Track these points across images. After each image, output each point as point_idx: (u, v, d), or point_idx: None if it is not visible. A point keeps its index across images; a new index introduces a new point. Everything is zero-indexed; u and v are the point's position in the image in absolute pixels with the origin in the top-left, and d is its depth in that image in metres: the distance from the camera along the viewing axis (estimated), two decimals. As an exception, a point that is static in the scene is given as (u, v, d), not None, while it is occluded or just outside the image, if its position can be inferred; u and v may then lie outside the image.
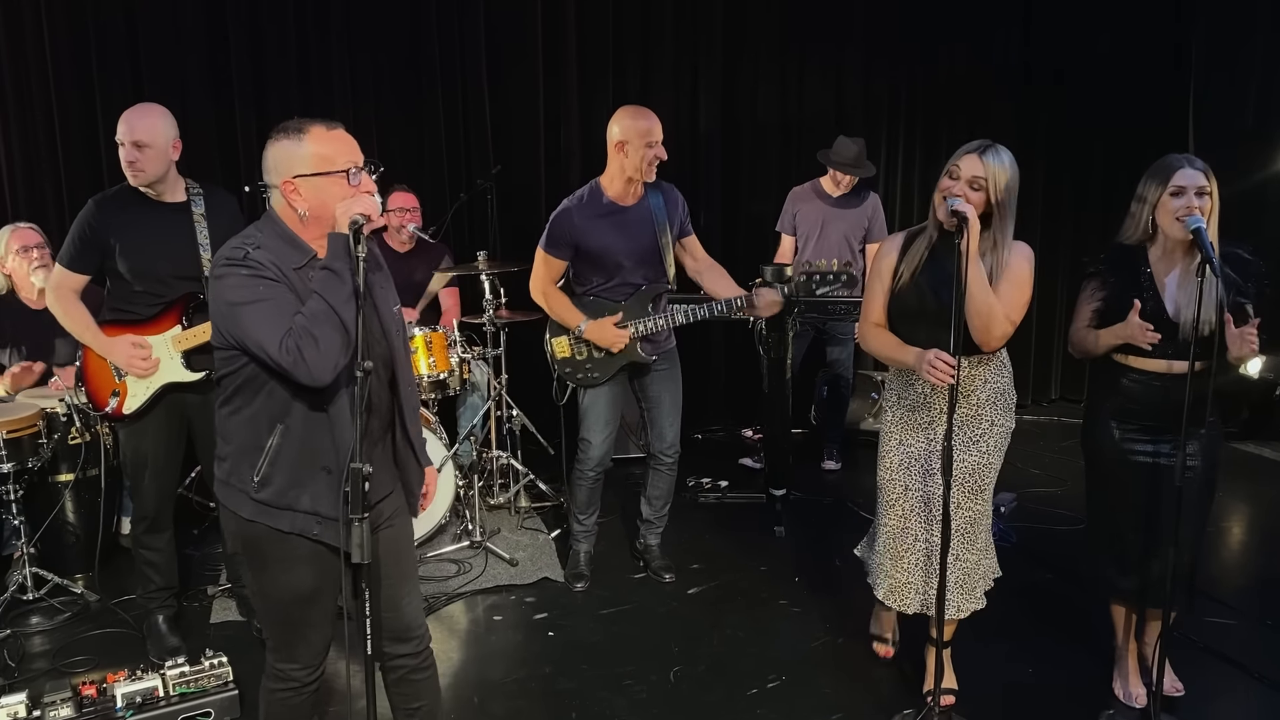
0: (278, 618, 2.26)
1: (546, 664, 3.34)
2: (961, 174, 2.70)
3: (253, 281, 2.03)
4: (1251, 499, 5.04)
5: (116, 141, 3.13)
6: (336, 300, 2.00)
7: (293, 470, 2.10)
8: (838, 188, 5.13)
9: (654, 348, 3.74)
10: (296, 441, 2.09)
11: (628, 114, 3.61)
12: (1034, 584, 3.95)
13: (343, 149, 2.13)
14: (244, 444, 2.13)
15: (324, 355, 1.99)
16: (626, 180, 3.62)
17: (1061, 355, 6.88)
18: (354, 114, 5.30)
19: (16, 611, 3.68)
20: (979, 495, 2.90)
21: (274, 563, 2.16)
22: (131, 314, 3.22)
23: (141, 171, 3.12)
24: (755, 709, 3.06)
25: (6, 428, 3.53)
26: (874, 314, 2.94)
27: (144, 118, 3.13)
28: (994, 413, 2.88)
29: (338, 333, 1.99)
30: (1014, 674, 3.26)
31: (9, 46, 4.84)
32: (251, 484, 2.11)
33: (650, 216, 3.68)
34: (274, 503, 2.11)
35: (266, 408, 2.10)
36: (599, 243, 3.62)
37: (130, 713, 2.87)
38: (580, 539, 4.01)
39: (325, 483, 2.10)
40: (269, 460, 2.09)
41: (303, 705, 2.32)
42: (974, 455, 2.86)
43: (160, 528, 3.39)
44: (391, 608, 2.29)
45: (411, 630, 2.36)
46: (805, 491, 5.02)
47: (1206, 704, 3.03)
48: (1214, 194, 2.75)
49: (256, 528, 2.13)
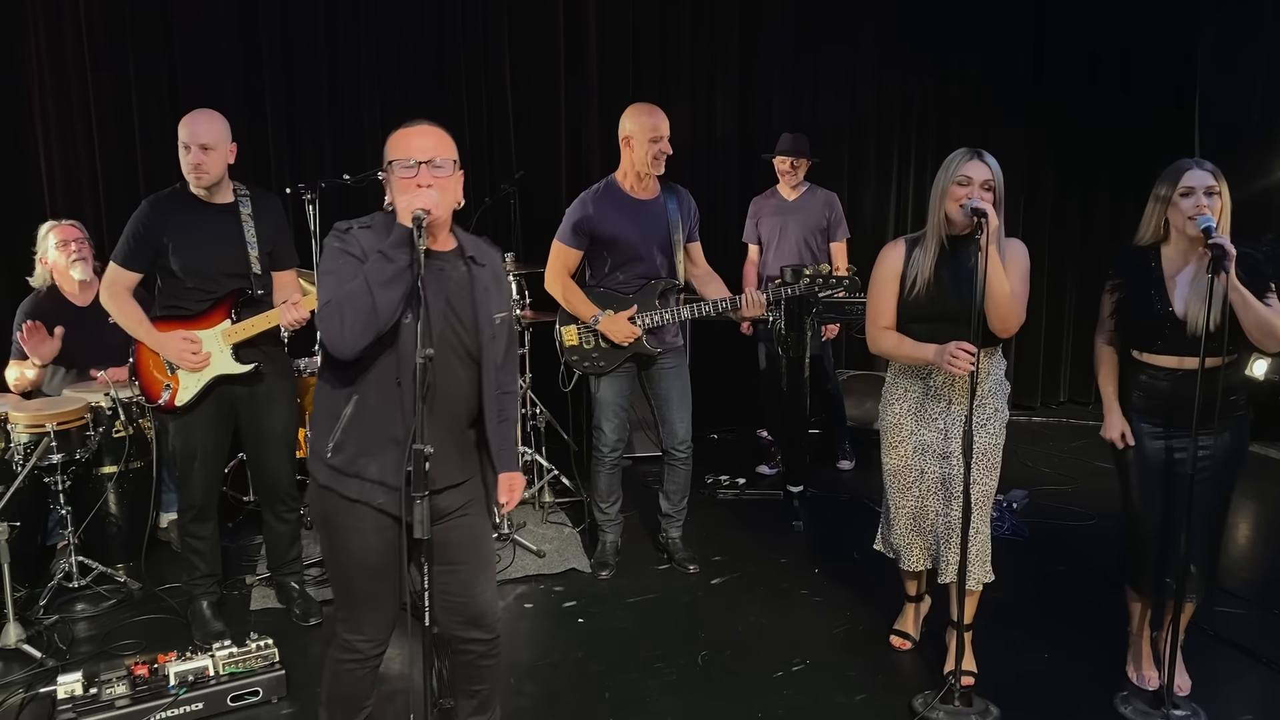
0: (346, 588, 2.39)
1: (578, 648, 3.46)
2: (974, 179, 2.87)
3: (337, 253, 2.22)
4: (1258, 497, 5.16)
5: (182, 144, 3.27)
6: (375, 282, 2.13)
7: (363, 439, 2.24)
8: (792, 190, 5.20)
9: (660, 342, 3.88)
10: (368, 412, 2.24)
11: (635, 111, 3.78)
12: (1046, 576, 4.08)
13: (408, 144, 2.26)
14: (325, 411, 2.29)
15: (346, 331, 2.13)
16: (637, 175, 3.78)
17: (1070, 359, 7.00)
18: (381, 121, 5.46)
19: (63, 599, 3.80)
20: (992, 471, 3.09)
21: (342, 531, 2.29)
22: (182, 310, 3.35)
23: (206, 174, 3.27)
24: (781, 690, 3.18)
25: (57, 419, 3.66)
26: (883, 318, 3.09)
27: (209, 123, 3.28)
28: (996, 400, 3.10)
29: (364, 313, 2.12)
30: (1030, 660, 3.37)
31: (50, 52, 5.00)
32: (326, 450, 2.26)
33: (664, 213, 3.84)
34: (344, 469, 2.25)
35: (344, 378, 2.25)
36: (613, 232, 3.78)
37: (183, 690, 2.99)
38: (606, 528, 4.14)
39: (393, 454, 2.22)
40: (343, 428, 2.24)
41: (366, 678, 2.45)
42: (985, 436, 3.05)
43: (206, 517, 3.52)
44: (466, 594, 2.40)
45: (484, 618, 2.46)
46: (821, 489, 5.16)
47: (1216, 689, 3.14)
48: (1224, 194, 2.87)
49: (328, 495, 2.28)
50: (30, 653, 3.36)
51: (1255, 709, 3.08)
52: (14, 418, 3.67)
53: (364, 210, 2.43)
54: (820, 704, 3.09)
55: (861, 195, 6.52)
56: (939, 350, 2.90)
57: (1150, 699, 3.06)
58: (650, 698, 3.13)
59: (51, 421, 3.64)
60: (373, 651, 2.42)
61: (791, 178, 5.18)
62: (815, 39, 6.27)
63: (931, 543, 3.18)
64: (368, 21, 5.46)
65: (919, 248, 3.03)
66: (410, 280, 2.13)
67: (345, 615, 2.42)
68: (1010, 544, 4.36)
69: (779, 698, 3.13)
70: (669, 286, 3.88)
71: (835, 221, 5.21)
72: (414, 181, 2.23)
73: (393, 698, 3.01)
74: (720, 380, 6.14)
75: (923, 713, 3.00)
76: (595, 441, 4.03)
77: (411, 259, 2.13)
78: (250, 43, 5.31)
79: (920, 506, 3.16)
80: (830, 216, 5.20)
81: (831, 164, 6.31)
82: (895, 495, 3.20)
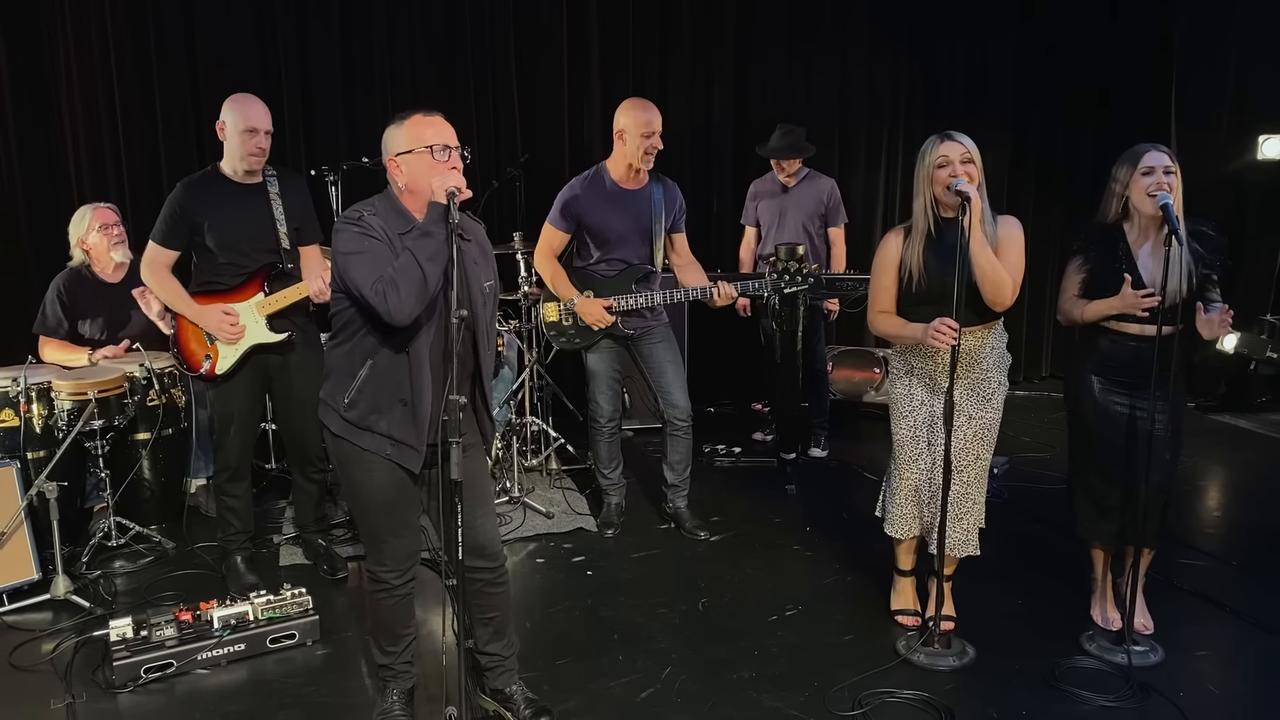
0: (366, 524, 2.72)
1: (588, 597, 3.73)
2: (952, 158, 3.04)
3: (360, 237, 2.48)
4: (1224, 462, 5.47)
5: (245, 130, 3.49)
6: (423, 257, 2.41)
7: (375, 398, 2.54)
8: (789, 177, 5.36)
9: (641, 322, 4.12)
10: (380, 376, 2.54)
11: (630, 105, 4.01)
12: (1024, 534, 4.36)
13: (432, 132, 2.53)
14: (341, 371, 2.59)
15: (403, 301, 2.41)
16: (627, 166, 4.01)
17: (1052, 334, 7.28)
18: (392, 105, 5.72)
19: (102, 556, 4.06)
20: (991, 447, 3.28)
21: (357, 475, 2.62)
22: (218, 284, 3.60)
23: (263, 157, 3.54)
24: (776, 631, 3.45)
25: (98, 388, 3.90)
26: (880, 302, 3.26)
27: (266, 110, 3.53)
28: (999, 374, 3.25)
29: (416, 284, 2.41)
30: (1006, 606, 3.65)
31: (77, 43, 5.23)
32: (342, 404, 2.57)
33: (649, 203, 4.07)
34: (358, 423, 2.56)
35: (360, 345, 2.55)
36: (597, 218, 4.03)
37: (227, 632, 3.26)
38: (610, 491, 4.41)
39: (401, 413, 2.54)
40: (357, 387, 2.55)
41: (397, 607, 2.74)
42: (988, 412, 3.22)
43: (240, 476, 3.78)
44: (468, 525, 2.66)
45: (486, 548, 2.75)
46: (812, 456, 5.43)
47: (1176, 629, 3.42)
48: (1179, 175, 3.12)
49: (342, 443, 2.60)
50: (79, 602, 3.63)
51: (1210, 646, 3.36)
52: (58, 386, 3.91)
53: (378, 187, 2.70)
54: (811, 643, 3.37)
55: (852, 181, 6.77)
56: (925, 328, 3.05)
57: (1114, 638, 3.32)
58: (655, 638, 3.41)
59: (93, 389, 3.88)
60: (396, 581, 2.71)
61: (786, 168, 5.36)
62: (808, 28, 6.51)
63: (926, 514, 3.33)
64: (379, 8, 5.70)
65: (911, 236, 3.18)
66: (448, 254, 2.39)
67: (370, 550, 2.74)
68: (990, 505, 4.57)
69: (773, 638, 3.41)
70: (647, 272, 4.13)
71: (833, 208, 5.33)
72: (448, 165, 2.50)
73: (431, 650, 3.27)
74: (717, 356, 6.41)
75: (905, 654, 3.26)
76: (592, 413, 4.30)
77: (448, 232, 2.39)
78: (266, 26, 5.55)
79: (926, 479, 3.28)
80: (829, 203, 5.32)
81: (824, 150, 6.55)
82: (900, 466, 3.31)
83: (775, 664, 3.23)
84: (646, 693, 3.06)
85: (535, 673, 3.11)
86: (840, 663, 3.22)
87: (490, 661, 2.88)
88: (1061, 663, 3.20)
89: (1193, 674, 3.17)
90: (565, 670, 3.19)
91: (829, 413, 5.63)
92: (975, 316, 3.12)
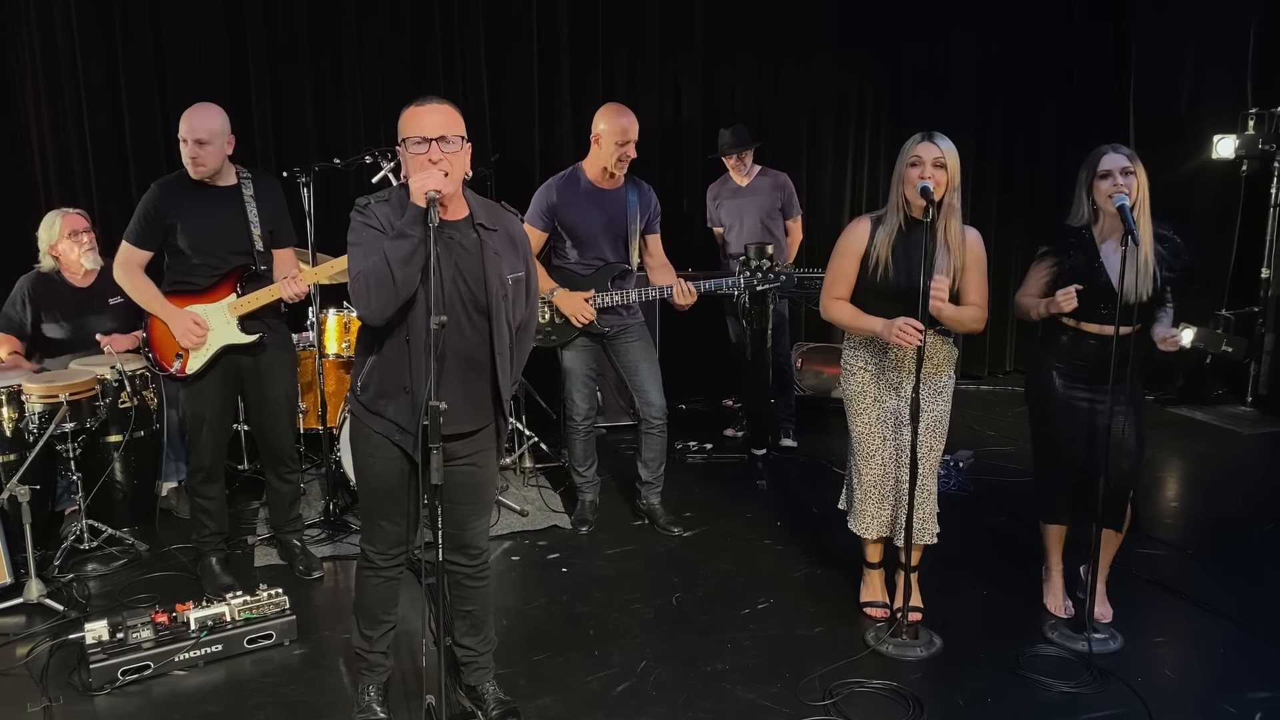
0: (363, 502, 2.80)
1: (563, 594, 3.78)
2: (924, 159, 3.12)
3: (359, 227, 2.53)
4: (1182, 454, 5.63)
5: (180, 138, 3.50)
6: (394, 259, 2.42)
7: (382, 385, 2.61)
8: (743, 176, 5.52)
9: (617, 320, 4.18)
10: (386, 363, 2.60)
11: (609, 111, 4.07)
12: (989, 526, 4.46)
13: (420, 122, 2.51)
14: (360, 357, 2.68)
15: (373, 304, 2.47)
16: (602, 169, 4.07)
17: (1015, 331, 7.42)
18: (363, 107, 5.75)
19: (75, 559, 4.04)
20: (943, 439, 3.38)
21: (362, 455, 2.70)
22: (191, 284, 3.60)
23: (202, 166, 3.52)
24: (748, 624, 3.52)
25: (70, 390, 3.88)
26: (838, 289, 3.32)
27: (206, 119, 3.51)
28: (949, 368, 3.37)
29: (386, 287, 2.44)
30: (971, 597, 3.74)
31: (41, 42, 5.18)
32: (357, 387, 2.66)
33: (624, 204, 4.14)
34: (369, 406, 2.64)
35: (371, 334, 2.62)
36: (573, 218, 4.09)
37: (204, 633, 3.27)
38: (584, 489, 4.45)
39: (405, 401, 2.58)
40: (366, 372, 2.63)
41: (381, 589, 2.80)
42: (940, 405, 3.33)
43: (214, 478, 3.78)
44: (458, 527, 2.74)
45: (470, 547, 2.80)
46: (783, 451, 5.52)
47: (1133, 616, 3.53)
48: (1140, 175, 3.19)
49: (357, 423, 2.68)
50: (53, 606, 3.61)
51: (1167, 633, 3.48)
52: (28, 389, 3.89)
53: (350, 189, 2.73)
54: (782, 635, 3.44)
55: (819, 179, 6.86)
56: (887, 325, 3.12)
57: (1074, 626, 3.42)
58: (630, 633, 3.46)
59: (64, 392, 3.86)
60: (383, 564, 2.76)
61: (740, 168, 5.49)
62: (776, 29, 6.58)
63: (889, 511, 3.40)
64: (348, 8, 5.69)
65: (881, 226, 3.26)
66: (427, 255, 2.39)
67: (364, 528, 2.82)
68: (956, 499, 4.74)
69: (746, 631, 3.47)
70: (624, 270, 4.18)
71: (788, 200, 5.52)
72: (426, 157, 2.47)
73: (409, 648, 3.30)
74: (689, 353, 6.46)
75: (874, 645, 3.35)
76: (567, 410, 4.35)
77: (425, 234, 2.40)
78: (235, 27, 5.51)
79: (883, 474, 3.35)
80: (783, 197, 5.50)
81: (792, 149, 6.66)
82: (860, 461, 3.38)
83: (748, 656, 3.30)
84: (622, 687, 3.11)
85: (512, 669, 3.15)
86: (811, 654, 3.30)
87: (466, 656, 2.93)
88: (1025, 651, 3.30)
89: (1151, 660, 3.28)
90: (541, 666, 3.24)
91: (795, 407, 5.76)
92: (933, 320, 3.19)
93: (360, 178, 4.67)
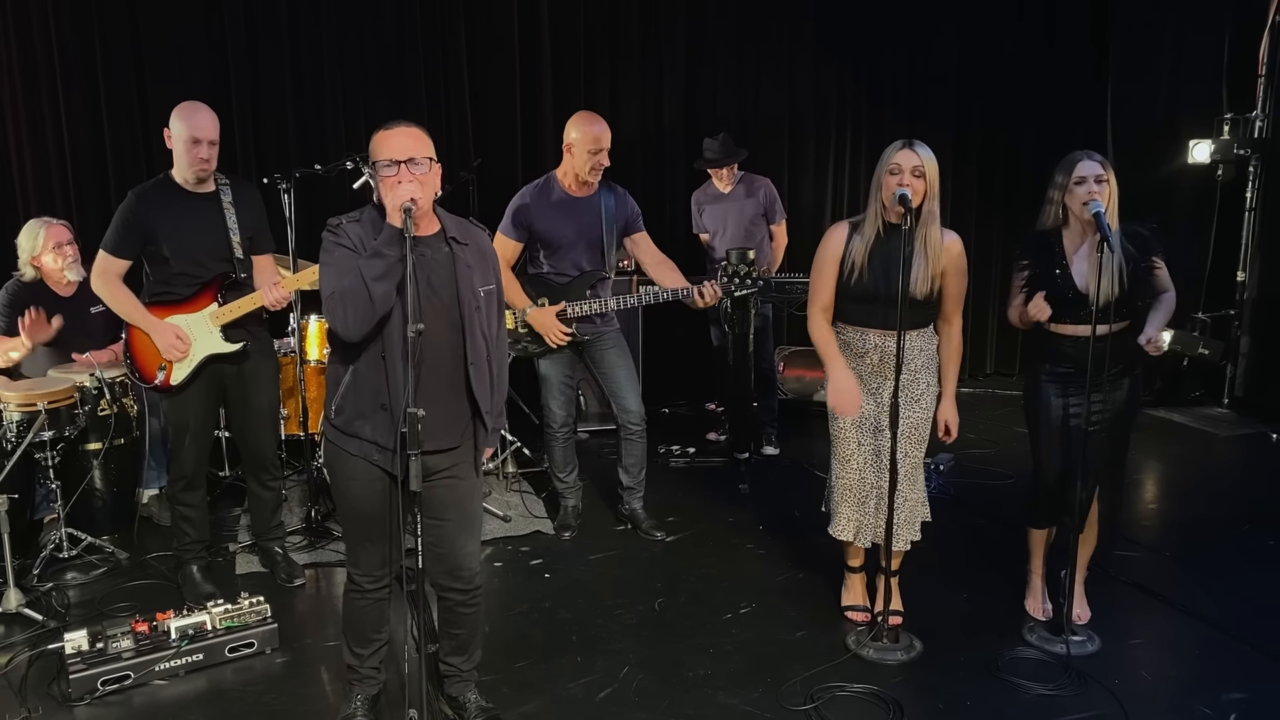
0: (346, 527, 2.79)
1: (546, 599, 3.79)
2: (903, 167, 3.15)
3: (332, 246, 2.54)
4: (1160, 456, 5.68)
5: (189, 139, 3.47)
6: (369, 276, 2.44)
7: (358, 405, 2.59)
8: (725, 183, 5.54)
9: (592, 328, 4.18)
10: (361, 381, 2.58)
11: (580, 120, 4.07)
12: (969, 529, 4.50)
13: (389, 146, 2.54)
14: (332, 378, 2.65)
15: (349, 321, 2.47)
16: (575, 177, 4.07)
17: (995, 334, 7.48)
18: (345, 118, 5.74)
19: (54, 568, 4.01)
20: (921, 444, 3.40)
21: (342, 479, 2.67)
22: (172, 294, 3.59)
23: (209, 167, 3.53)
24: (730, 629, 3.54)
25: (48, 398, 3.86)
26: (821, 298, 3.36)
27: (213, 120, 3.51)
28: (928, 375, 3.38)
29: (362, 304, 2.45)
30: (951, 600, 3.77)
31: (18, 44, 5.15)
32: (331, 410, 2.63)
33: (599, 211, 4.14)
34: (345, 429, 2.61)
35: (344, 353, 2.60)
36: (548, 226, 4.09)
37: (185, 643, 3.26)
38: (566, 495, 4.46)
39: (383, 419, 2.57)
40: (342, 394, 2.61)
41: (368, 609, 2.79)
42: (916, 412, 3.35)
43: (196, 486, 3.77)
44: (448, 546, 2.73)
45: (462, 570, 2.78)
46: (765, 457, 5.53)
47: (1110, 618, 3.56)
48: (1111, 182, 3.25)
49: (333, 448, 2.66)
50: (31, 615, 3.58)
51: (1144, 634, 3.52)
52: (5, 397, 3.86)
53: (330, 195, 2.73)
54: (765, 640, 3.46)
55: (801, 183, 6.88)
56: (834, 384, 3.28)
57: (1053, 628, 3.45)
58: (613, 638, 3.47)
59: (43, 400, 3.84)
60: (369, 586, 2.75)
61: (727, 176, 5.51)
62: (757, 34, 6.61)
63: (868, 516, 3.41)
64: (329, 14, 5.68)
65: (858, 232, 3.29)
66: (401, 273, 2.41)
67: (348, 551, 2.80)
68: (937, 501, 4.71)
69: (728, 636, 3.49)
70: (601, 278, 4.18)
71: (771, 205, 5.53)
72: (396, 179, 2.50)
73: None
74: (671, 357, 6.49)
75: (855, 649, 3.37)
76: (545, 418, 4.35)
77: (401, 254, 2.42)
78: (215, 33, 5.49)
79: (859, 478, 3.38)
80: (766, 202, 5.52)
81: (773, 153, 6.68)
82: (837, 465, 3.42)
83: (730, 661, 3.31)
84: (605, 693, 3.12)
85: (495, 675, 3.16)
86: (793, 658, 3.32)
87: (449, 670, 2.94)
88: (1004, 653, 3.33)
89: (1128, 662, 3.31)
90: (524, 672, 3.24)
91: (777, 411, 5.77)
92: (907, 321, 3.21)
93: (341, 183, 4.66)
